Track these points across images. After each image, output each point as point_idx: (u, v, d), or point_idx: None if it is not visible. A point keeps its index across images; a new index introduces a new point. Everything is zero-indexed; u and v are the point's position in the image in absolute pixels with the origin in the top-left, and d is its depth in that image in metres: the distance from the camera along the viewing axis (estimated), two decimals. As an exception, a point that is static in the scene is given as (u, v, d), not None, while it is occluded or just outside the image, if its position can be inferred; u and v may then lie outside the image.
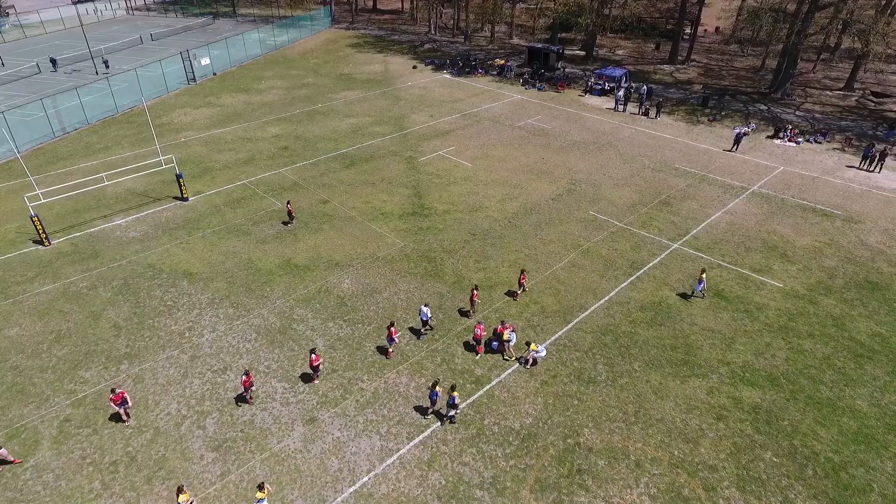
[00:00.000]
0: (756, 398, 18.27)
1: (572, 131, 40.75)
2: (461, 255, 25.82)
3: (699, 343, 20.65)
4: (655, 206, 30.27)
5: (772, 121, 43.04)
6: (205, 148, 37.68)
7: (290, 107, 45.90)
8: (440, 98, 48.08)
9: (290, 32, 70.13)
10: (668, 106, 46.06)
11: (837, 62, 58.51)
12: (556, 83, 51.09)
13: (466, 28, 69.14)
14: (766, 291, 23.41)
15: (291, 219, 28.26)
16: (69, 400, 18.22)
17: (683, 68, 57.61)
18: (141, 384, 18.86)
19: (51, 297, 23.10)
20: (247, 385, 17.55)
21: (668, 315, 22.04)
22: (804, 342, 20.67)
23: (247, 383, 17.52)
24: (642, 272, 24.65)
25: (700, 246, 26.57)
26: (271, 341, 20.73)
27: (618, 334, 21.07)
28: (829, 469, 15.94)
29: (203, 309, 22.40)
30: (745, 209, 29.96)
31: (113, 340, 20.77)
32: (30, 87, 50.41)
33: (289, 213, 28.08)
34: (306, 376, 19.12)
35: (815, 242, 26.92)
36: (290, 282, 24.02)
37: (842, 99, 48.58)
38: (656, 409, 17.89)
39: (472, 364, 19.68)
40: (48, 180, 32.70)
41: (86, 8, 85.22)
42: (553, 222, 28.57)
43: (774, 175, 34.02)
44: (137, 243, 26.76)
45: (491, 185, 32.54)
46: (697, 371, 19.37)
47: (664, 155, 36.75)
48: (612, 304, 22.72)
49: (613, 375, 19.21)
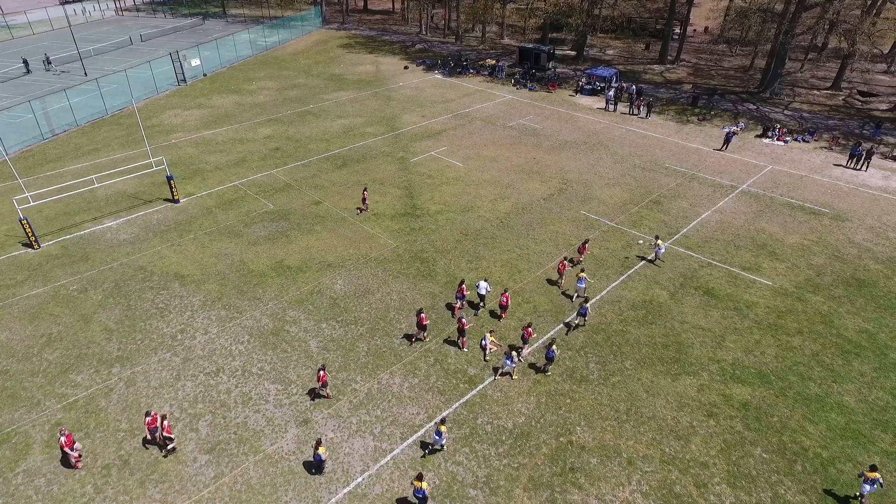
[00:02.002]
0: (746, 395, 18.48)
1: (563, 131, 40.94)
2: (453, 255, 25.90)
3: (690, 341, 20.85)
4: (646, 205, 30.50)
5: (760, 120, 43.46)
6: (195, 149, 37.52)
7: (281, 108, 45.79)
8: (432, 98, 48.14)
9: (280, 33, 69.93)
10: (658, 105, 46.39)
11: (825, 62, 59.16)
12: (547, 83, 51.31)
13: (458, 28, 69.25)
14: (756, 289, 23.66)
15: (365, 206, 29.46)
16: (61, 404, 18.11)
17: (673, 68, 58.03)
18: (133, 387, 18.78)
19: (41, 300, 22.94)
20: (323, 381, 17.66)
21: (659, 313, 22.24)
22: (793, 339, 20.93)
23: (323, 379, 17.65)
24: (633, 271, 24.83)
25: (690, 244, 26.80)
26: (264, 343, 20.71)
27: (609, 333, 21.23)
28: (818, 464, 16.16)
29: (195, 311, 22.32)
30: (735, 208, 30.25)
31: (104, 343, 20.66)
32: (18, 89, 49.95)
33: (363, 201, 29.30)
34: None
35: (803, 240, 27.24)
36: (283, 283, 23.99)
37: (829, 98, 49.13)
38: (648, 407, 18.05)
39: (465, 364, 19.76)
40: (38, 182, 32.44)
41: (74, 8, 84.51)
42: (545, 222, 28.71)
43: (763, 174, 34.36)
44: (128, 246, 26.61)
45: (483, 185, 32.64)
46: (688, 369, 19.56)
47: (655, 154, 37.02)
48: (604, 302, 22.88)
49: (605, 374, 19.36)
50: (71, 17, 79.80)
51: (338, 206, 30.12)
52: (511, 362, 18.73)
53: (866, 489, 14.48)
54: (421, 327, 20.29)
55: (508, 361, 18.71)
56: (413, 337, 20.82)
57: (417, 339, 20.78)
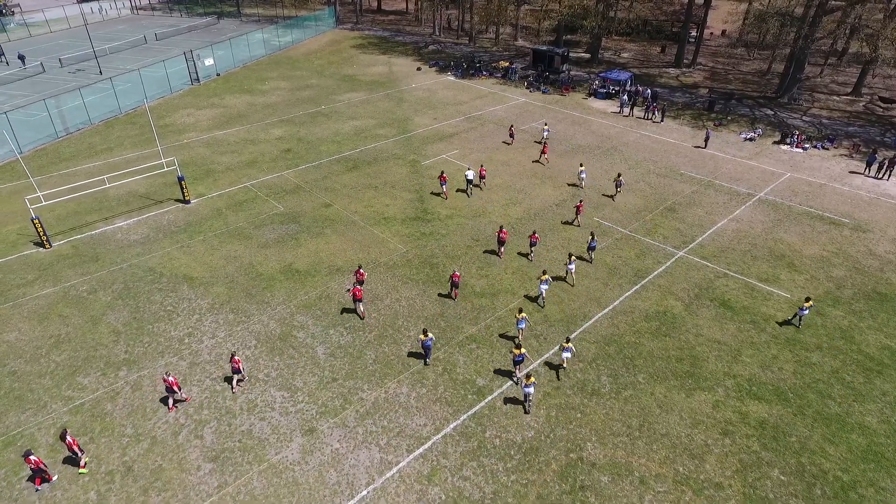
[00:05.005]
0: (763, 413, 17.95)
1: (577, 135, 40.42)
2: (463, 262, 25.55)
3: (705, 355, 20.34)
4: (661, 212, 29.95)
5: (778, 126, 42.64)
6: (207, 150, 37.52)
7: (293, 108, 45.72)
8: (444, 100, 47.83)
9: (294, 33, 69.99)
10: (673, 110, 45.71)
11: (845, 66, 58.03)
12: (561, 86, 50.77)
13: (471, 29, 68.88)
14: (773, 302, 23.07)
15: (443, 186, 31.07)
16: (67, 407, 18.03)
17: (689, 72, 57.23)
18: (139, 391, 18.65)
19: (50, 300, 22.94)
20: (358, 296, 21.36)
21: (674, 325, 21.74)
22: (812, 355, 20.34)
23: (358, 293, 21.41)
24: (647, 281, 24.34)
25: (706, 254, 26.24)
26: (271, 348, 20.50)
27: (622, 345, 20.78)
28: (838, 488, 15.61)
29: (203, 314, 22.19)
30: (752, 216, 29.62)
31: (112, 346, 20.57)
32: (34, 87, 50.35)
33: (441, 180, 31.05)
34: (301, 384, 18.85)
35: (822, 251, 26.56)
36: (291, 287, 23.79)
37: (849, 104, 48.13)
38: (661, 423, 17.59)
39: (473, 375, 19.40)
40: (51, 181, 32.59)
41: (90, 7, 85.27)
42: (557, 228, 28.28)
43: (781, 182, 33.65)
44: (138, 246, 26.58)
45: (494, 189, 32.26)
46: (703, 384, 19.06)
47: (670, 160, 36.41)
48: (617, 313, 22.42)
49: (617, 387, 18.92)
50: (87, 15, 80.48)
51: (348, 210, 29.90)
52: (572, 266, 23.23)
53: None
54: (453, 283, 22.67)
55: (544, 286, 21.93)
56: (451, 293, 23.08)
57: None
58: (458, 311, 22.42)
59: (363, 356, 20.22)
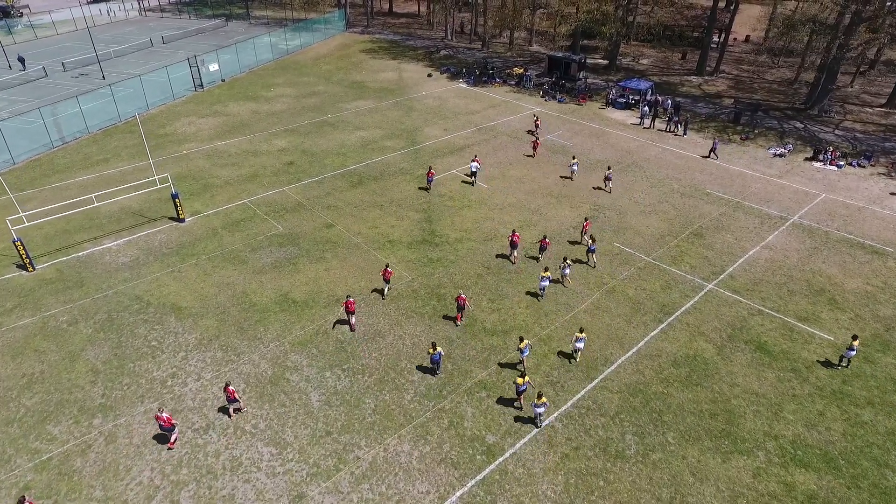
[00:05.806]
0: (811, 484, 15.81)
1: (595, 149, 38.26)
2: (474, 293, 23.58)
3: (741, 409, 18.21)
4: (686, 237, 27.78)
5: (809, 140, 40.18)
6: (207, 162, 35.86)
7: (298, 117, 43.99)
8: (455, 109, 45.85)
9: (303, 36, 68.34)
10: (696, 122, 43.38)
11: (877, 76, 55.25)
12: (578, 95, 48.57)
13: (484, 34, 66.84)
14: (815, 346, 20.86)
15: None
16: (32, 462, 16.32)
17: (712, 80, 54.74)
18: (113, 444, 16.91)
19: (28, 332, 21.31)
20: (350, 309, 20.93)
21: (705, 373, 19.61)
22: (863, 412, 18.14)
23: (351, 306, 20.93)
24: (674, 318, 22.22)
25: (738, 287, 24.06)
26: (261, 394, 18.68)
27: (648, 396, 18.70)
28: (906, 586, 13.47)
29: (189, 351, 20.43)
30: (786, 243, 27.35)
31: (88, 388, 18.86)
32: (35, 92, 49.11)
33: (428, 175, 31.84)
34: (291, 438, 17.00)
35: (866, 286, 24.26)
36: (286, 320, 21.98)
37: (884, 116, 45.47)
38: (695, 496, 15.51)
39: (482, 430, 17.44)
40: (42, 196, 31.09)
41: (99, 9, 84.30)
42: (575, 254, 26.20)
43: (816, 203, 31.30)
44: (126, 270, 24.92)
45: (507, 209, 30.26)
46: (741, 446, 16.95)
47: (694, 178, 34.17)
48: (642, 356, 20.34)
49: (644, 449, 16.86)
50: (95, 17, 79.54)
51: (351, 231, 28.05)
52: (567, 271, 23.39)
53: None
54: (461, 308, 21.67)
55: (567, 270, 23.05)
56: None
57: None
58: (466, 352, 20.46)
59: (361, 405, 18.32)
